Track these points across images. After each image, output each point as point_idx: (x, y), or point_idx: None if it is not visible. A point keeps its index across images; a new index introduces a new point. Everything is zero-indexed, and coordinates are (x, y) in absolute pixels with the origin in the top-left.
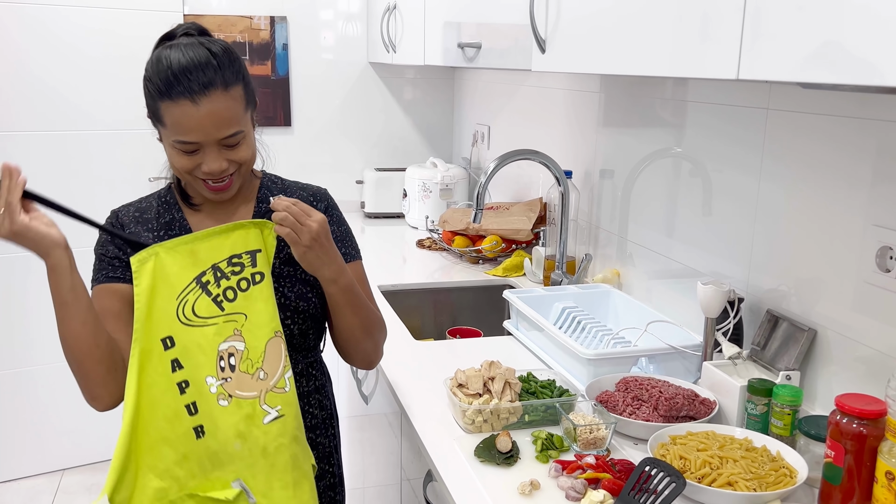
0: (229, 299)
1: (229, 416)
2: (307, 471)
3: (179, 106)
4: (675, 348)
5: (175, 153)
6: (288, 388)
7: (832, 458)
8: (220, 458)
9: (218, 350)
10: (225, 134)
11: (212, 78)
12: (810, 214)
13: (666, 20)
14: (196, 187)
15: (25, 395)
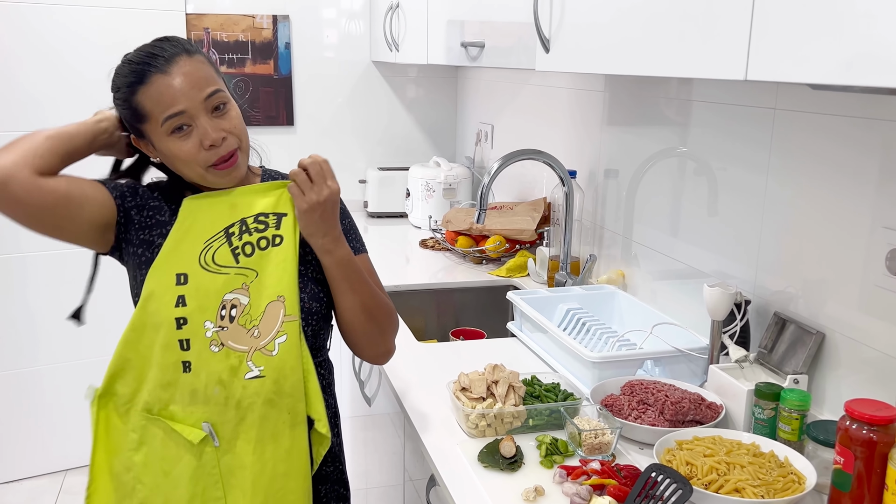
0: (246, 254)
1: (216, 363)
2: (276, 433)
3: (153, 84)
4: (681, 351)
5: (173, 142)
6: (275, 353)
7: (841, 464)
8: (197, 396)
9: (223, 299)
10: (206, 92)
11: (172, 49)
12: (818, 215)
13: (671, 19)
14: (207, 178)
15: (28, 396)
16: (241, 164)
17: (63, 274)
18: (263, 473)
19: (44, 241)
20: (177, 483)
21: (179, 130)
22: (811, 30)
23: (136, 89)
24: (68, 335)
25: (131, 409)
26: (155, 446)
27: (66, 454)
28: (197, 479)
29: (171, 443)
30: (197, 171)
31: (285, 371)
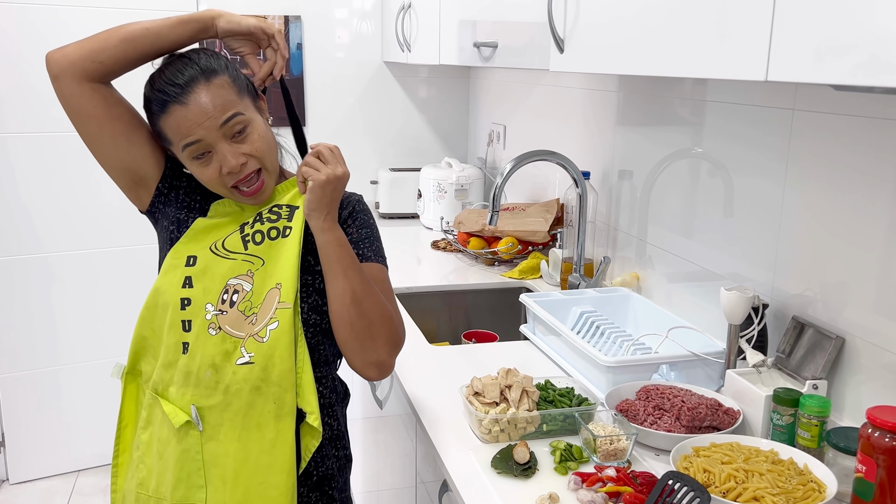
0: (256, 242)
1: (212, 346)
2: (260, 423)
3: (171, 114)
4: (698, 355)
5: (195, 167)
6: (266, 339)
7: (863, 473)
8: (190, 378)
9: (226, 283)
10: (221, 119)
11: (190, 76)
12: (837, 217)
13: (688, 18)
14: (234, 198)
15: (41, 397)
16: (267, 186)
17: (83, 275)
18: (246, 463)
19: (65, 243)
20: (166, 466)
21: (200, 157)
22: (835, 28)
23: (159, 117)
24: (83, 336)
25: (147, 388)
26: (156, 427)
27: (78, 455)
28: (182, 464)
29: (166, 425)
30: (222, 192)
31: (274, 359)
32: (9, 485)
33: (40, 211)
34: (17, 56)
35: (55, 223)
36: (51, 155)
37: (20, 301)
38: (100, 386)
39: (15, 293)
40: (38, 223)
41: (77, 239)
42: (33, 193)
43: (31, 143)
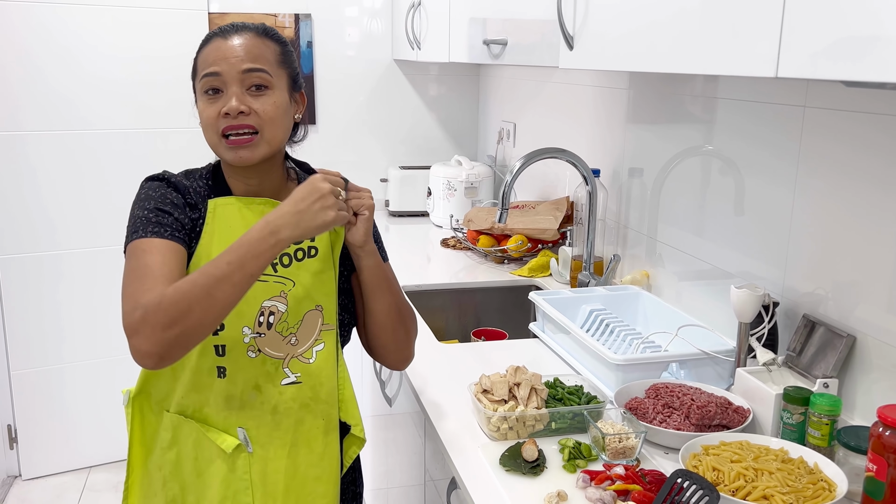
0: (284, 264)
1: (252, 368)
2: (310, 439)
3: (210, 44)
4: (708, 354)
5: (202, 104)
6: (313, 360)
7: (874, 472)
8: (232, 402)
9: (261, 305)
10: (248, 65)
11: (249, 26)
12: (849, 215)
13: (699, 14)
14: (221, 153)
15: (53, 393)
16: (256, 148)
17: (94, 272)
18: (296, 477)
19: (80, 240)
20: (208, 484)
21: (211, 93)
22: (846, 24)
23: (201, 49)
24: (94, 333)
25: (163, 408)
26: (188, 447)
27: (90, 451)
28: (228, 484)
29: (205, 444)
30: (212, 138)
31: (321, 378)
32: (21, 480)
33: (55, 208)
34: (27, 54)
35: (70, 221)
36: (65, 153)
37: (34, 298)
38: (112, 383)
39: (29, 290)
40: (53, 220)
41: (92, 236)
42: (48, 191)
43: (46, 142)
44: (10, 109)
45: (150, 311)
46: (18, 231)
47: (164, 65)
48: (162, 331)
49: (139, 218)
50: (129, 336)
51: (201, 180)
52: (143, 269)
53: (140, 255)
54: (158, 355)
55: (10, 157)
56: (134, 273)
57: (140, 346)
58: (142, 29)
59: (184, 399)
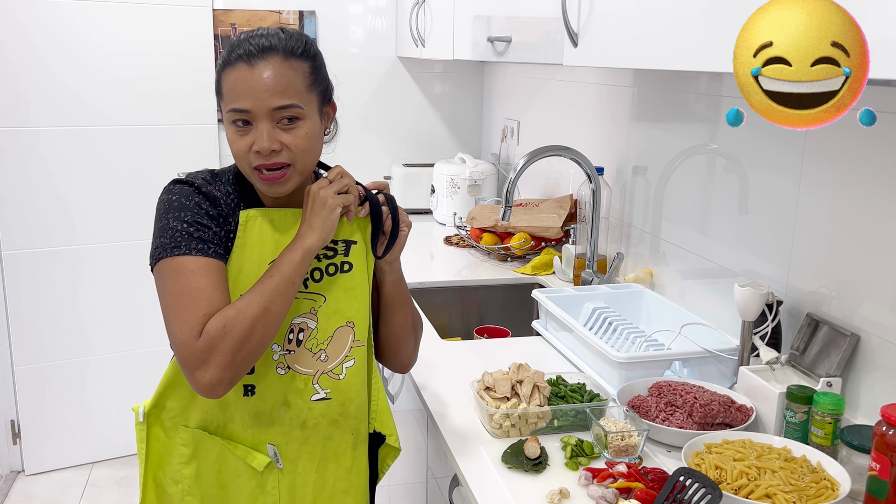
0: (315, 279)
1: (282, 385)
2: (338, 453)
3: (235, 69)
4: (711, 352)
5: (231, 133)
6: (343, 376)
7: (877, 471)
8: (262, 419)
9: (291, 322)
10: (278, 103)
11: (272, 43)
12: (853, 214)
13: (704, 11)
14: (254, 182)
15: (57, 389)
16: (289, 181)
17: (99, 268)
18: (323, 491)
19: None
20: (233, 496)
21: (240, 124)
22: None
23: (224, 67)
24: (99, 329)
25: (180, 423)
26: (210, 460)
27: (93, 447)
28: (255, 498)
29: (230, 459)
30: (245, 169)
31: (351, 394)
32: (24, 476)
33: (62, 204)
34: (34, 49)
35: (77, 216)
36: (70, 148)
37: (39, 293)
38: (116, 378)
39: (33, 286)
40: (59, 216)
41: (99, 232)
42: (55, 187)
43: (59, 137)
44: (18, 105)
45: (216, 338)
46: (24, 226)
47: (169, 60)
48: (232, 355)
49: (177, 231)
50: (195, 367)
51: (229, 186)
52: (195, 293)
53: (188, 276)
54: (228, 381)
55: (17, 153)
56: (186, 297)
57: (210, 376)
58: (146, 24)
59: (207, 415)
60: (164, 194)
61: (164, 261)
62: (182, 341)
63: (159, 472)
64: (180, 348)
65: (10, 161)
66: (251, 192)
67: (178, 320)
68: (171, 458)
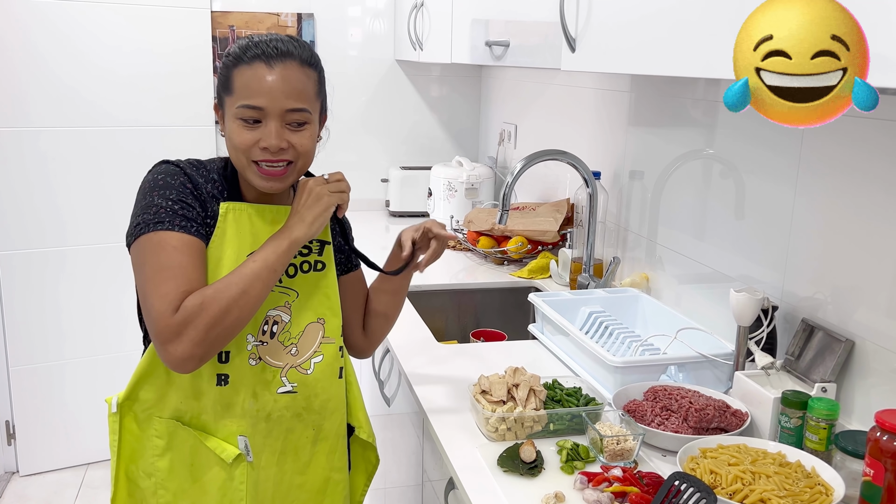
0: (289, 275)
1: (252, 376)
2: (297, 447)
3: (252, 68)
4: (706, 357)
5: (237, 126)
6: (310, 371)
7: (871, 476)
8: (233, 409)
9: (266, 314)
10: (292, 105)
11: (290, 49)
12: (849, 220)
13: (701, 18)
14: (249, 175)
15: (52, 390)
16: (288, 178)
17: (93, 269)
18: (281, 485)
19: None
20: (205, 490)
21: (247, 121)
22: None
23: (238, 65)
24: (94, 330)
25: (154, 414)
26: (184, 452)
27: (88, 448)
28: (224, 492)
29: (203, 451)
30: (242, 161)
31: (317, 389)
32: (19, 477)
33: (58, 204)
34: (35, 49)
35: (72, 217)
36: (73, 149)
37: (34, 294)
38: (110, 380)
39: (29, 286)
40: (54, 217)
41: (94, 233)
42: (51, 187)
43: (55, 137)
44: (17, 104)
45: (193, 314)
46: (19, 227)
47: (167, 61)
48: (206, 332)
49: (162, 207)
50: (168, 340)
51: (214, 175)
52: (176, 268)
53: (170, 252)
54: (199, 358)
55: (15, 153)
56: (167, 271)
57: (181, 350)
58: (145, 25)
59: (181, 405)
60: (149, 174)
61: (145, 235)
62: (159, 313)
63: (131, 466)
64: (156, 320)
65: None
66: (234, 188)
67: (157, 293)
68: (143, 450)
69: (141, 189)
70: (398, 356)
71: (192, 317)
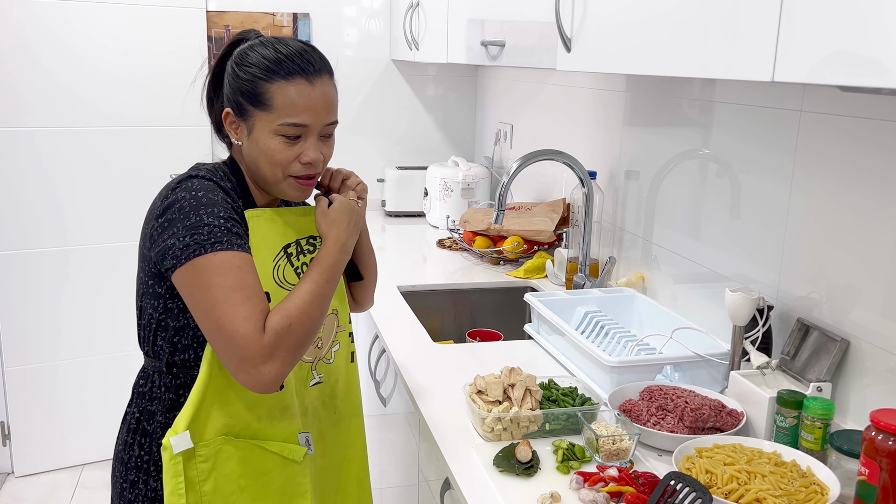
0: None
1: (294, 375)
2: (323, 432)
3: (295, 84)
4: (702, 356)
5: (276, 143)
6: (332, 360)
7: (866, 476)
8: (289, 410)
9: None
10: (331, 119)
11: (322, 63)
12: (844, 220)
13: (696, 18)
14: (281, 185)
15: (46, 391)
16: (313, 187)
17: (90, 270)
18: (317, 471)
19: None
20: (258, 496)
21: (290, 137)
22: (842, 29)
23: (275, 79)
24: (89, 330)
25: (197, 442)
26: (229, 468)
27: (83, 449)
28: (284, 490)
29: (255, 459)
30: (276, 175)
31: (337, 376)
32: (14, 478)
33: (54, 205)
34: (30, 49)
35: (69, 217)
36: (65, 149)
37: (29, 294)
38: (107, 380)
39: (24, 286)
40: (51, 217)
41: (90, 234)
42: (48, 187)
43: (51, 137)
44: (13, 105)
45: (283, 335)
46: (13, 227)
47: (162, 61)
48: (297, 350)
49: (215, 227)
50: (260, 362)
51: (230, 184)
52: (248, 289)
53: (237, 273)
54: (284, 376)
55: (10, 153)
56: (241, 292)
57: (275, 371)
58: (140, 25)
59: (230, 420)
60: (183, 191)
61: (203, 257)
62: (247, 337)
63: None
64: (245, 344)
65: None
66: (247, 193)
67: (237, 317)
68: (192, 483)
69: (179, 208)
70: (394, 356)
71: (283, 338)
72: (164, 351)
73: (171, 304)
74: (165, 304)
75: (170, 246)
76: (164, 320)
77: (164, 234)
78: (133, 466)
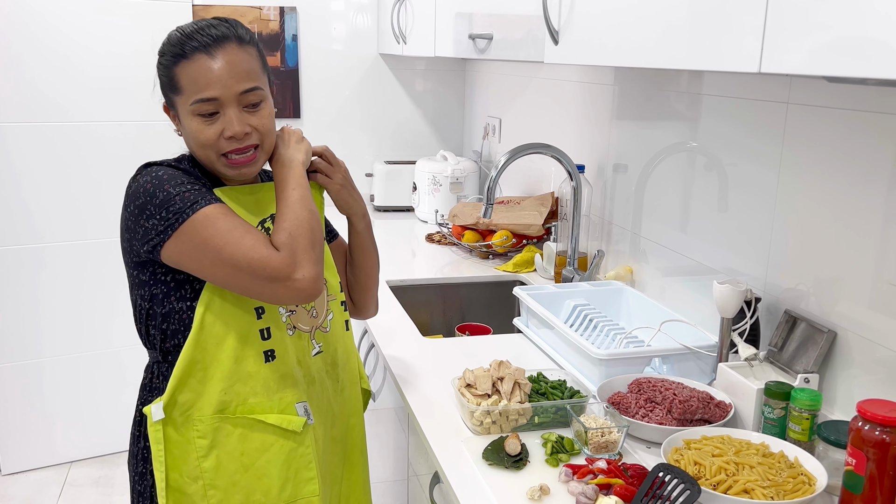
0: None
1: (292, 345)
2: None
3: (195, 61)
4: (690, 349)
5: (196, 124)
6: (329, 329)
7: (853, 465)
8: (286, 380)
9: None
10: (244, 86)
11: (224, 32)
12: (831, 212)
13: (684, 10)
14: (218, 168)
15: (33, 388)
16: (258, 162)
17: (74, 266)
18: (323, 440)
19: (59, 234)
20: (264, 472)
21: (206, 115)
22: (828, 19)
23: (178, 61)
24: (74, 327)
25: (193, 416)
26: (231, 445)
27: (71, 446)
28: (289, 463)
29: (257, 434)
30: (210, 156)
31: (335, 344)
32: (1, 475)
33: (35, 201)
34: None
35: (51, 213)
36: (44, 145)
37: (13, 291)
38: (93, 377)
39: (8, 283)
40: (33, 213)
41: (73, 230)
42: (28, 184)
43: (25, 133)
44: None
45: (292, 243)
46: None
47: (145, 56)
48: (312, 249)
49: (184, 192)
50: (291, 271)
51: (192, 170)
52: (242, 225)
53: (224, 218)
54: (320, 276)
55: None
56: (237, 230)
57: (308, 272)
58: (124, 20)
59: (225, 395)
60: (143, 176)
61: (186, 222)
62: (264, 258)
63: (173, 474)
64: (266, 265)
65: None
66: (211, 178)
67: (246, 247)
68: (186, 455)
69: (143, 193)
70: (383, 350)
71: (294, 243)
72: (156, 339)
73: (156, 289)
74: (151, 291)
75: (150, 227)
76: (151, 308)
77: (139, 219)
78: (141, 458)
